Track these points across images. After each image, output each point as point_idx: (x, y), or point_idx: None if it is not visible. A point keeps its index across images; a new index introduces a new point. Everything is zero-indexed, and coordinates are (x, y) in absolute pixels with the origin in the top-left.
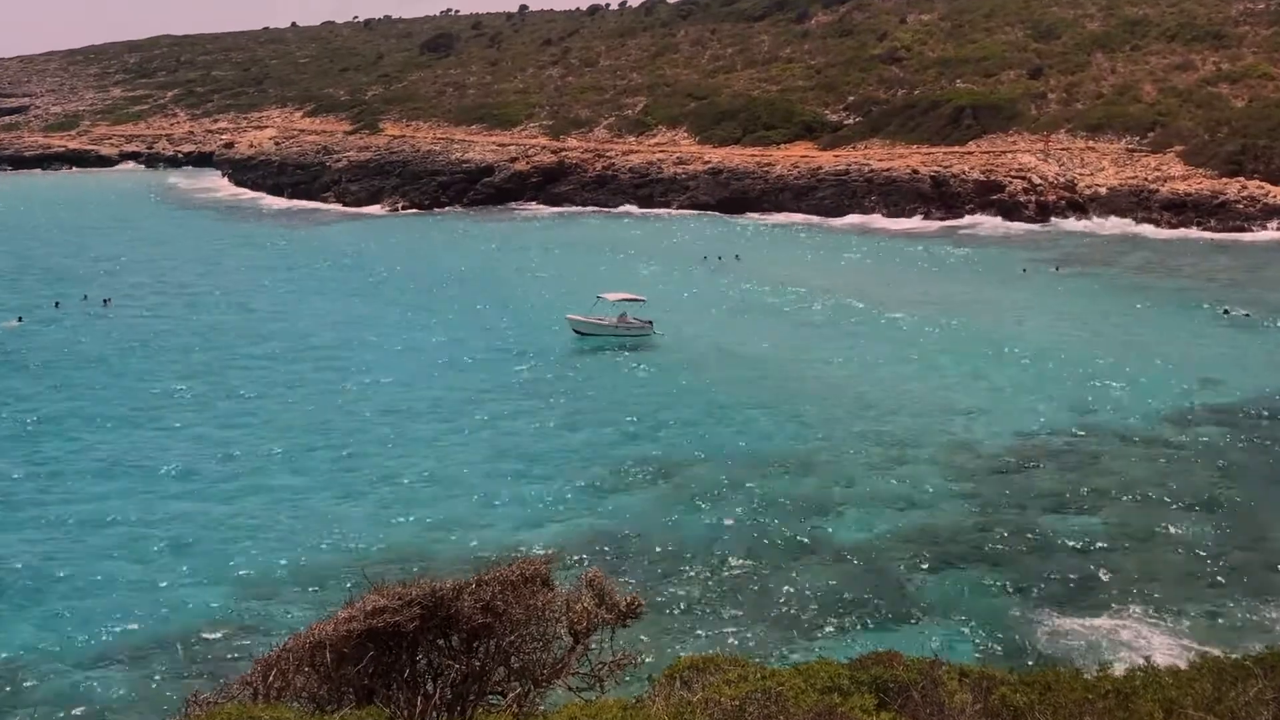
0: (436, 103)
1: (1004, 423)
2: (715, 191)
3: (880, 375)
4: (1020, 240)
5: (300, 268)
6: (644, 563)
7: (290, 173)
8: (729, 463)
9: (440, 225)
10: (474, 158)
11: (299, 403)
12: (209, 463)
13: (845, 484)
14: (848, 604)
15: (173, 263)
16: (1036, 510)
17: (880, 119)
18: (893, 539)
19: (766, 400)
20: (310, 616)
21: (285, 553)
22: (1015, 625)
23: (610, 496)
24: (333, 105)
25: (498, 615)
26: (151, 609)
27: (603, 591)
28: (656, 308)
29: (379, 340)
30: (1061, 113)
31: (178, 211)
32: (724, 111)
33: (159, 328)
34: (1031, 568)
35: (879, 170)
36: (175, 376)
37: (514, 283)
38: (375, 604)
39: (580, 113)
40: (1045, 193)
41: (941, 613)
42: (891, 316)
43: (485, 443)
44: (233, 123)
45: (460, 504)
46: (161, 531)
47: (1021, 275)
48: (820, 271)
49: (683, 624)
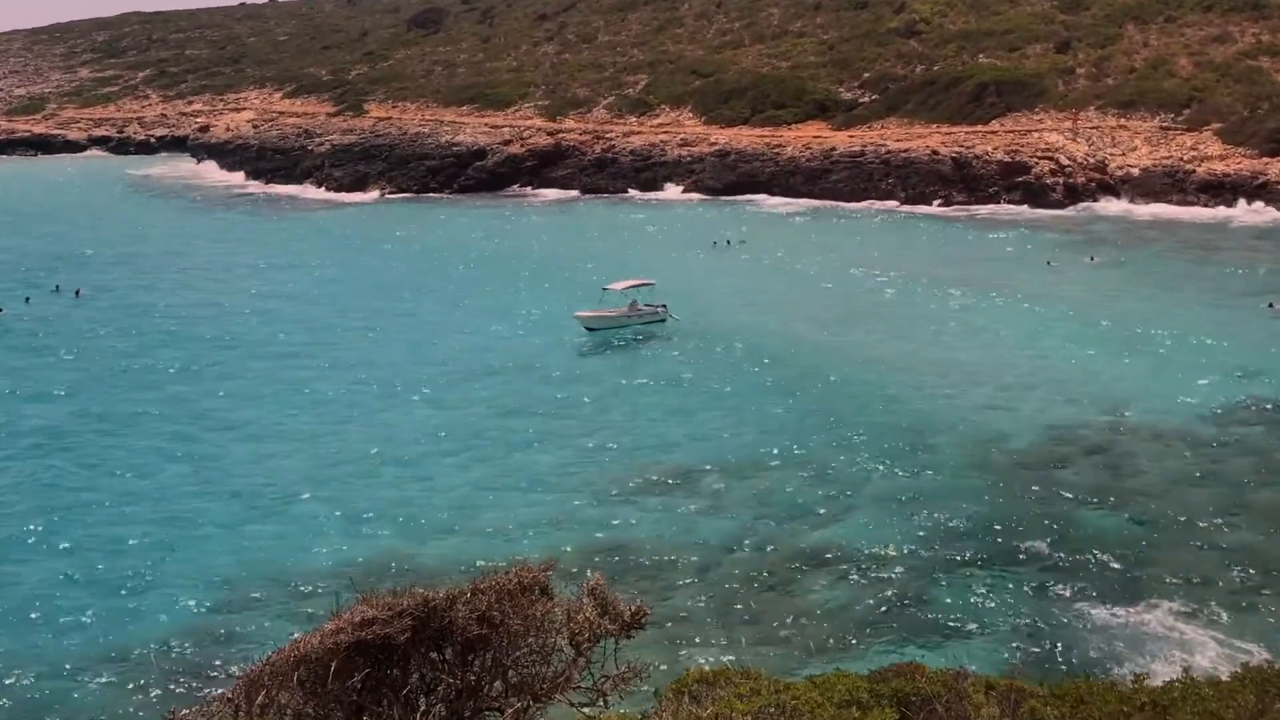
0: (425, 82)
1: (1032, 417)
2: (722, 175)
3: (900, 370)
4: (1047, 225)
5: (279, 259)
6: (649, 570)
7: (269, 157)
8: (737, 461)
9: (429, 212)
10: (465, 140)
11: (282, 406)
12: (187, 465)
13: (861, 483)
14: (866, 611)
15: (144, 254)
16: (1066, 508)
17: (898, 97)
18: (913, 540)
19: (773, 394)
20: (295, 628)
21: (268, 559)
22: (1044, 632)
23: (613, 500)
24: (314, 85)
25: (494, 626)
26: (127, 616)
27: (606, 600)
28: (663, 295)
29: (367, 337)
30: (1091, 89)
31: (150, 199)
32: (731, 90)
33: (131, 326)
34: (1062, 570)
35: (896, 151)
36: (155, 374)
37: (512, 274)
38: (364, 615)
39: (578, 92)
40: (1074, 174)
41: (965, 620)
42: (913, 307)
43: (480, 446)
44: (208, 105)
45: (454, 509)
46: (138, 534)
47: (1047, 268)
48: (828, 260)
49: (691, 635)
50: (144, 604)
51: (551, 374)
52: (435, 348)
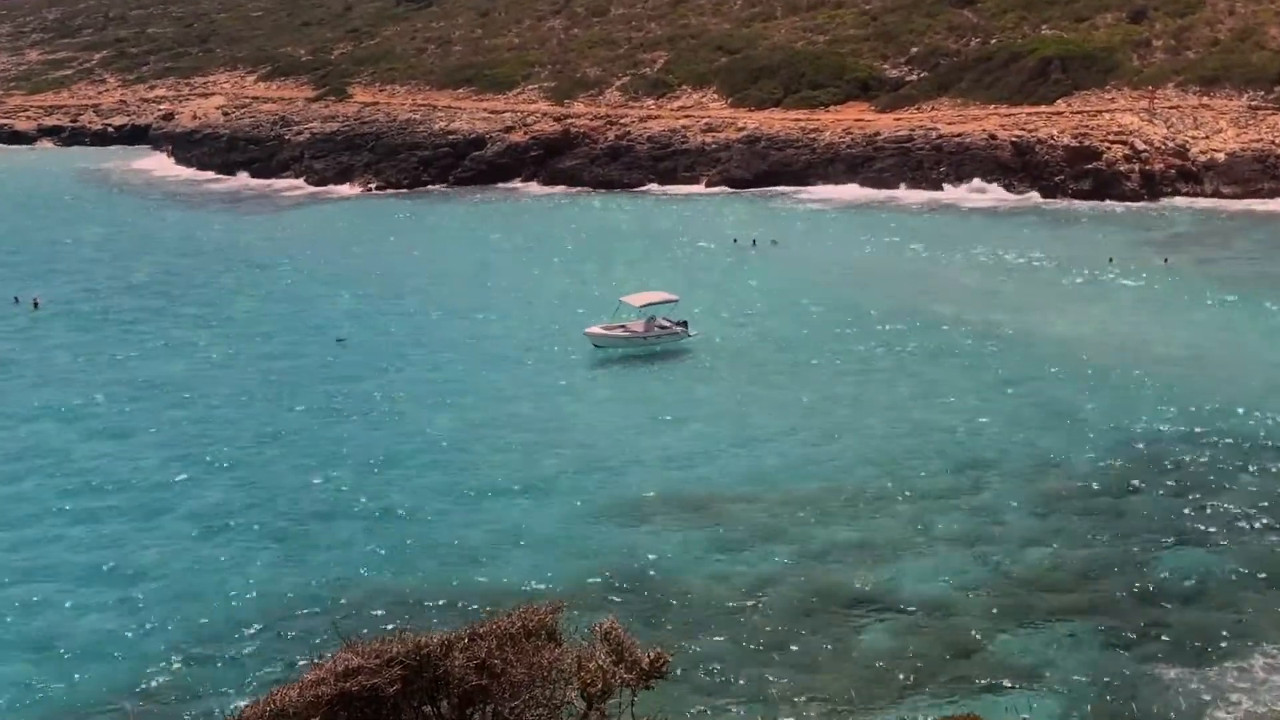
0: (416, 63)
1: (1100, 440)
2: (752, 164)
3: (940, 394)
4: (1120, 219)
5: (251, 263)
6: (671, 612)
7: (242, 148)
8: (771, 493)
9: (421, 209)
10: (461, 128)
11: (262, 429)
12: (155, 491)
13: (909, 519)
14: (916, 661)
15: (102, 261)
16: (1139, 543)
17: (950, 74)
18: (968, 583)
19: (806, 420)
20: (272, 678)
21: (243, 599)
22: (1117, 686)
23: (630, 533)
24: (292, 67)
25: (495, 676)
26: (86, 662)
27: (621, 646)
28: (684, 309)
29: (350, 356)
30: (1169, 63)
31: (109, 196)
32: (761, 68)
33: (90, 343)
34: (1135, 614)
35: (949, 136)
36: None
37: (514, 282)
38: (349, 664)
39: (588, 72)
40: (1150, 160)
41: (1028, 672)
42: (950, 328)
43: (482, 469)
44: (173, 90)
45: (453, 542)
46: (101, 564)
47: (1108, 265)
48: (865, 264)
49: (717, 687)
50: (111, 649)
51: (551, 392)
52: (437, 363)
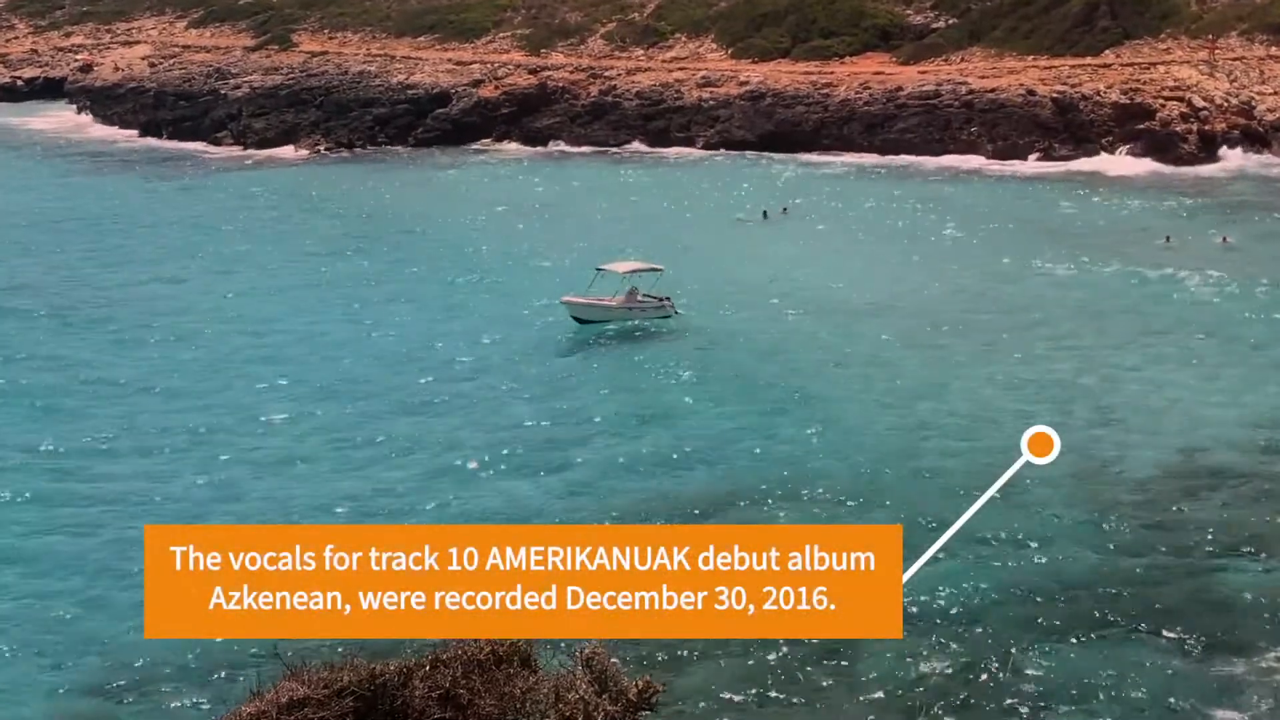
0: (370, 7)
1: (1156, 441)
2: (755, 124)
3: (979, 389)
4: (1178, 186)
5: (179, 240)
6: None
7: (171, 105)
8: (771, 497)
9: (375, 173)
10: (423, 81)
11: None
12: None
13: (931, 522)
14: (941, 683)
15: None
16: (1202, 554)
17: (982, 21)
18: (1003, 597)
19: (812, 412)
20: (205, 714)
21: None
22: (1173, 713)
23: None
24: (229, 12)
25: (461, 708)
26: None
27: (605, 674)
28: (674, 283)
29: (295, 341)
30: (1233, 8)
31: (12, 161)
32: (766, 13)
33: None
34: (1197, 633)
35: (981, 91)
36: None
37: (484, 253)
38: (293, 694)
39: (568, 18)
40: (1211, 120)
41: (1070, 697)
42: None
43: (447, 474)
44: (91, 38)
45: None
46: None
47: (1165, 247)
48: (876, 245)
49: (716, 717)
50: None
51: (529, 378)
52: (397, 347)
